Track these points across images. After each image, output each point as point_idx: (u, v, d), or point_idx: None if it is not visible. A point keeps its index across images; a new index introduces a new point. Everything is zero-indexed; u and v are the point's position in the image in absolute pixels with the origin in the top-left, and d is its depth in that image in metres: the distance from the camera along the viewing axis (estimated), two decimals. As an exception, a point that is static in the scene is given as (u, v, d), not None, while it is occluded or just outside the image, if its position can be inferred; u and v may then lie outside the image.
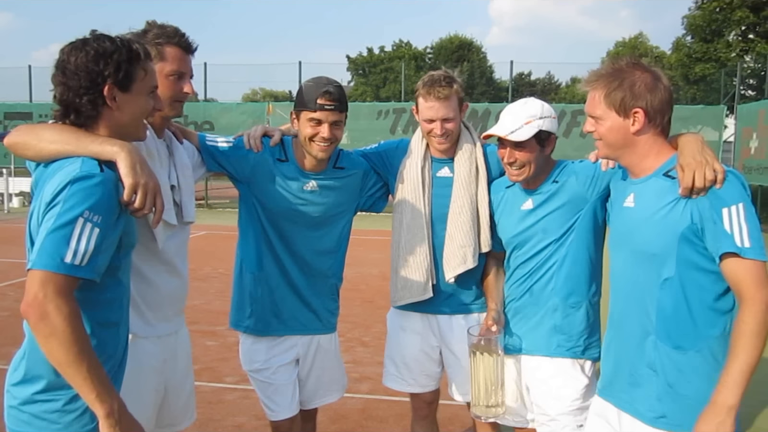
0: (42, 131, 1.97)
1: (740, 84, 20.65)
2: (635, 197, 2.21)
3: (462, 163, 2.97)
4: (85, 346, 1.74)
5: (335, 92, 2.79)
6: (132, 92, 2.00)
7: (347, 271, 3.16)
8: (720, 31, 22.70)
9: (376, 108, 21.09)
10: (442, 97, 2.87)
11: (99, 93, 1.94)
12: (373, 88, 40.23)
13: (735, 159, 18.86)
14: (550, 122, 2.65)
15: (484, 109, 20.58)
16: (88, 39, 1.97)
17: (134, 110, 2.04)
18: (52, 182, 1.83)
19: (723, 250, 1.97)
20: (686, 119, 19.77)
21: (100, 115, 1.97)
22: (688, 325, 2.08)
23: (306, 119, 2.80)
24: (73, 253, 1.73)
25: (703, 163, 2.01)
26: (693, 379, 2.07)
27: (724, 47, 22.40)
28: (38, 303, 1.69)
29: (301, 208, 2.93)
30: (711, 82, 22.47)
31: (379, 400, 4.90)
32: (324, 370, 3.14)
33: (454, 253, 2.95)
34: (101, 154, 1.91)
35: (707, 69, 22.50)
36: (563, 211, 2.65)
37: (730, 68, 21.13)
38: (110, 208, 1.84)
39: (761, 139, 16.74)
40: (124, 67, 1.96)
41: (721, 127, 19.62)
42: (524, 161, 2.63)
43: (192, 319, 7.08)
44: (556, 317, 2.67)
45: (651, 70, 2.17)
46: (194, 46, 2.58)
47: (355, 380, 5.34)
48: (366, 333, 6.69)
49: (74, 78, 1.92)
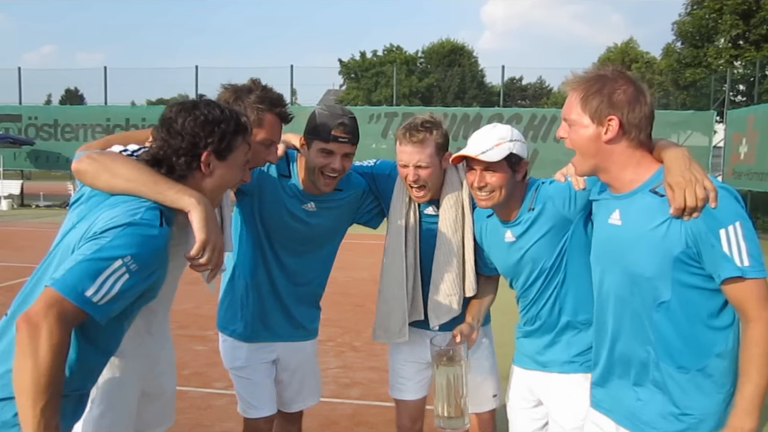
0: (118, 166, 1.96)
1: (730, 90, 20.79)
2: (621, 214, 2.11)
3: (448, 210, 2.88)
4: (53, 384, 1.65)
5: (350, 124, 2.75)
6: (227, 162, 2.04)
7: (338, 275, 3.15)
8: (710, 37, 22.84)
9: (367, 112, 21.12)
10: (416, 142, 2.75)
11: (197, 157, 1.98)
12: (365, 92, 40.24)
13: (725, 164, 18.99)
14: (520, 146, 2.57)
15: (475, 114, 20.66)
16: (199, 104, 2.02)
17: (223, 179, 2.08)
18: (108, 214, 1.82)
19: (725, 275, 1.91)
20: (676, 124, 19.89)
21: (189, 176, 2.00)
22: (690, 345, 2.03)
23: (317, 149, 2.74)
24: (96, 289, 1.70)
25: (693, 181, 1.93)
26: (697, 397, 2.03)
27: (713, 53, 22.52)
28: (36, 320, 1.64)
29: (297, 225, 2.92)
30: (701, 88, 22.58)
31: (369, 406, 4.89)
32: (305, 371, 3.15)
33: (440, 303, 2.91)
34: (176, 202, 1.92)
35: (697, 74, 22.61)
36: (549, 237, 2.56)
37: (719, 74, 21.26)
38: (151, 263, 1.83)
39: (750, 144, 16.86)
40: (227, 138, 2.00)
41: (711, 133, 19.76)
42: (495, 185, 2.53)
43: (181, 323, 7.07)
44: (567, 335, 2.63)
45: (635, 84, 2.08)
46: (290, 117, 2.61)
47: (345, 386, 5.34)
48: (356, 338, 6.64)
49: (177, 138, 1.96)
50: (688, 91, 23.60)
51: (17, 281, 9.25)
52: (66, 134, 22.30)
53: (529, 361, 2.75)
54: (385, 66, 39.34)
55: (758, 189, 16.60)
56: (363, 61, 42.31)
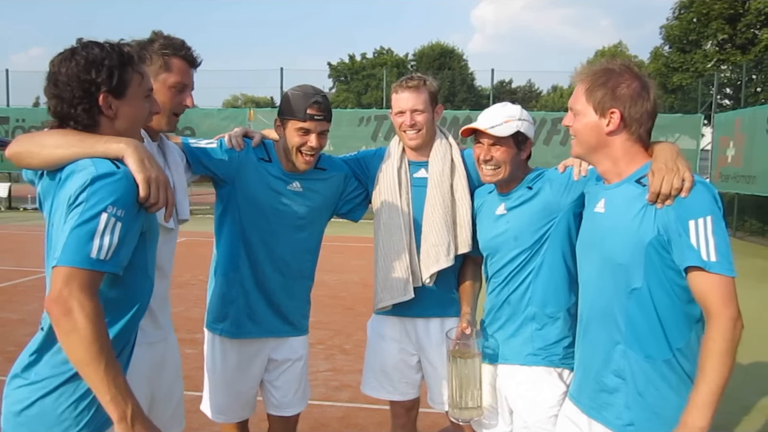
0: (43, 138, 1.95)
1: (717, 93, 20.93)
2: (606, 203, 2.19)
3: (435, 163, 3.00)
4: (104, 346, 1.73)
5: (323, 102, 2.85)
6: (127, 98, 1.98)
7: (328, 278, 3.17)
8: (697, 42, 23.00)
9: (357, 115, 21.11)
10: (412, 87, 2.96)
11: (94, 102, 1.92)
12: (354, 95, 40.24)
13: (712, 167, 19.10)
14: (528, 126, 2.67)
15: (465, 117, 20.66)
16: (77, 48, 1.94)
17: (131, 116, 2.02)
18: (70, 184, 1.82)
19: (687, 263, 1.95)
20: (664, 128, 19.98)
21: (97, 123, 1.96)
22: (658, 335, 2.06)
23: (294, 128, 2.82)
24: (98, 248, 1.74)
25: (674, 171, 1.98)
26: (662, 387, 2.06)
27: (701, 57, 22.70)
28: (63, 299, 1.69)
29: (285, 207, 2.94)
30: (688, 92, 22.73)
31: (359, 408, 4.89)
32: (295, 373, 3.14)
33: (428, 252, 2.95)
34: (108, 152, 1.90)
35: (685, 79, 22.76)
36: (535, 218, 2.62)
37: (707, 78, 21.41)
38: (131, 202, 1.85)
39: (737, 147, 16.98)
40: (116, 73, 1.94)
41: (699, 136, 19.88)
42: (500, 161, 2.63)
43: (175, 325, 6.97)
44: (533, 326, 2.65)
45: (641, 79, 2.13)
46: (199, 61, 2.60)
47: (335, 388, 5.34)
48: (347, 341, 6.66)
49: (67, 89, 1.91)
50: (675, 95, 23.75)
51: (5, 284, 9.20)
52: (54, 137, 22.09)
53: (491, 356, 2.77)
54: (375, 69, 39.37)
55: (745, 192, 16.71)
56: (353, 63, 42.33)
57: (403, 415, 3.22)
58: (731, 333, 1.91)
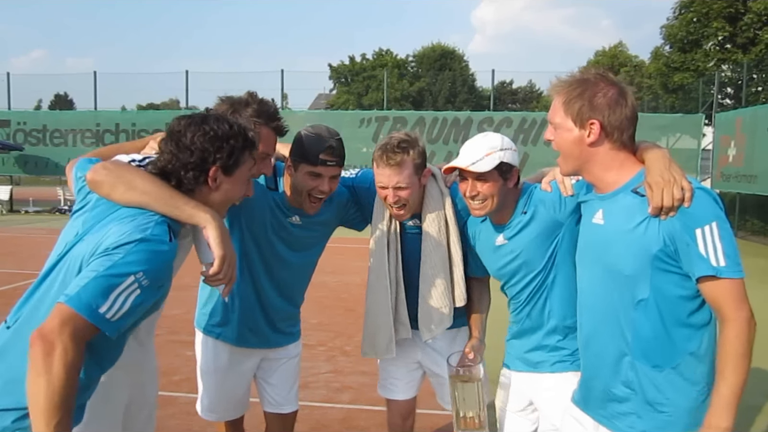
0: (135, 178, 1.96)
1: (718, 93, 20.91)
2: (604, 214, 2.15)
3: (431, 223, 2.87)
4: (67, 402, 1.67)
5: (337, 147, 2.75)
6: (234, 177, 2.05)
7: (329, 279, 3.18)
8: (698, 41, 22.98)
9: (358, 116, 21.14)
10: (394, 164, 2.73)
11: (205, 172, 1.98)
12: (355, 96, 40.26)
13: (713, 167, 19.09)
14: (511, 154, 2.60)
15: (466, 118, 20.70)
16: (208, 118, 2.01)
17: (229, 194, 2.08)
18: (119, 229, 1.82)
19: (699, 273, 1.94)
20: (665, 127, 20.01)
21: (196, 190, 2.01)
22: (665, 343, 2.05)
23: (305, 172, 2.74)
24: (110, 306, 1.71)
25: (671, 182, 1.96)
26: (671, 395, 2.06)
27: (701, 57, 22.66)
28: (51, 338, 1.65)
29: (284, 237, 2.94)
30: (689, 91, 22.71)
31: (360, 410, 4.88)
32: (290, 370, 3.17)
33: (430, 317, 2.90)
34: (192, 218, 1.94)
35: (685, 78, 22.74)
36: (540, 240, 2.59)
37: (707, 77, 21.39)
38: (161, 278, 1.84)
39: (738, 147, 16.97)
40: (236, 154, 2.00)
41: (700, 136, 19.88)
42: (487, 194, 2.57)
43: (172, 329, 7.02)
44: (555, 338, 2.65)
45: (617, 85, 2.11)
46: (285, 131, 2.64)
47: (336, 390, 5.34)
48: (348, 342, 6.65)
49: (186, 152, 1.96)
50: (676, 95, 23.73)
51: (7, 287, 9.20)
52: (55, 139, 22.18)
53: (519, 363, 2.77)
54: (375, 70, 39.41)
55: (746, 191, 16.71)
56: (353, 65, 42.34)
57: (399, 424, 3.20)
58: (747, 335, 1.92)
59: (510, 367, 2.82)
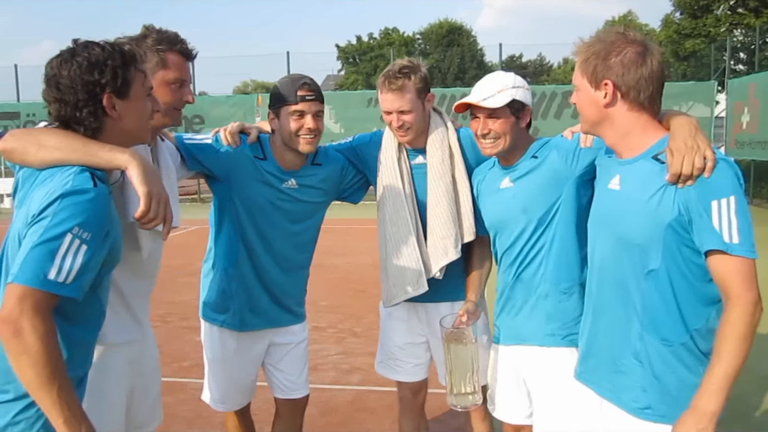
0: (44, 136, 1.88)
1: (730, 58, 20.56)
2: (621, 179, 2.08)
3: (434, 153, 2.88)
4: (57, 368, 1.66)
5: (312, 83, 2.80)
6: (131, 98, 1.94)
7: (339, 261, 3.13)
8: (708, 6, 22.58)
9: (366, 96, 20.95)
10: (396, 89, 2.79)
11: (99, 104, 1.88)
12: (363, 76, 40.00)
13: (727, 134, 18.81)
14: (523, 93, 2.56)
15: (474, 93, 20.49)
16: (76, 48, 1.89)
17: (136, 116, 1.98)
18: (41, 192, 1.75)
19: (708, 246, 1.87)
20: (677, 96, 19.69)
21: (102, 126, 1.91)
22: (675, 317, 1.98)
23: (287, 114, 2.77)
24: (57, 269, 1.66)
25: (694, 149, 1.88)
26: (679, 370, 2.00)
27: (713, 22, 22.28)
28: (13, 319, 1.62)
29: (282, 205, 2.89)
30: (701, 58, 22.35)
31: (369, 391, 4.85)
32: (298, 355, 3.13)
33: (435, 245, 2.87)
34: (111, 162, 1.86)
35: (697, 45, 22.38)
36: (544, 188, 2.52)
37: (719, 43, 21.03)
38: (101, 225, 1.76)
39: (752, 113, 16.69)
40: (120, 73, 1.89)
41: (713, 103, 19.55)
42: (499, 132, 2.52)
43: (182, 314, 7.01)
44: (548, 304, 2.56)
45: (639, 43, 2.02)
46: (195, 53, 2.53)
47: (346, 371, 5.32)
48: (357, 323, 6.62)
49: (70, 92, 1.85)
50: (688, 62, 23.37)
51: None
52: (64, 130, 22.20)
53: (508, 335, 2.69)
54: (383, 49, 39.10)
55: (761, 158, 16.45)
56: (360, 45, 42.06)
57: (410, 399, 3.17)
58: (750, 317, 1.84)
59: (499, 340, 2.73)
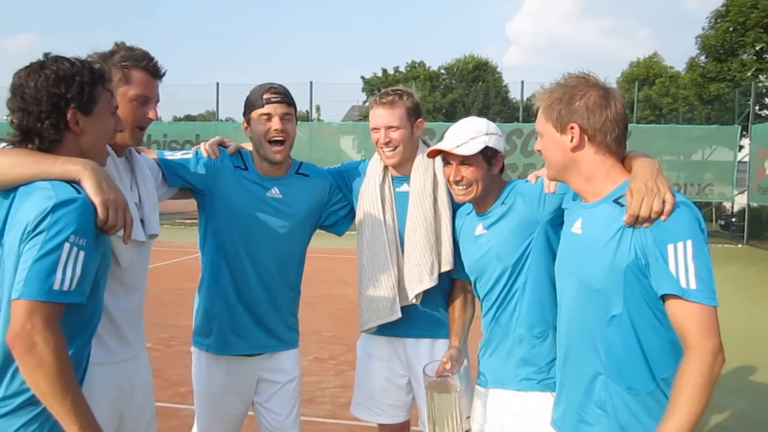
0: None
1: (755, 103, 20.41)
2: (583, 223, 2.06)
3: (417, 179, 2.88)
4: (70, 378, 1.73)
5: (279, 87, 2.87)
6: (95, 115, 1.96)
7: (349, 291, 3.08)
8: (734, 51, 22.51)
9: (387, 128, 21.05)
10: (386, 103, 2.84)
11: (62, 117, 1.89)
12: (388, 108, 40.28)
13: (750, 179, 18.61)
14: (496, 139, 2.56)
15: (494, 129, 20.47)
16: (46, 62, 1.92)
17: (97, 134, 1.99)
18: (28, 209, 1.78)
19: (664, 290, 1.82)
20: (700, 139, 19.58)
21: (62, 139, 1.92)
22: (641, 365, 1.93)
23: (256, 117, 2.83)
24: (61, 279, 1.72)
25: (654, 191, 1.85)
26: (646, 421, 1.93)
27: (738, 67, 22.20)
28: (26, 334, 1.68)
29: (265, 215, 2.87)
30: (725, 102, 22.23)
31: (364, 427, 4.75)
32: (288, 394, 3.04)
33: (411, 272, 2.85)
34: (65, 174, 1.87)
35: (721, 88, 22.29)
36: (514, 234, 2.51)
37: (744, 88, 20.90)
38: (92, 229, 1.82)
39: (776, 159, 16.49)
40: (87, 89, 1.92)
41: (736, 147, 19.38)
42: (471, 179, 2.53)
43: (185, 339, 6.90)
44: (522, 349, 2.53)
45: (598, 88, 2.02)
46: (162, 71, 2.53)
47: (342, 405, 5.24)
48: (360, 356, 6.52)
49: (34, 103, 1.87)
50: (712, 106, 23.27)
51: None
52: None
53: (488, 378, 2.66)
54: (408, 82, 39.44)
55: (784, 205, 16.24)
56: (386, 77, 42.44)
57: None
58: (710, 367, 1.77)
59: (480, 383, 2.70)
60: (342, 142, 21.66)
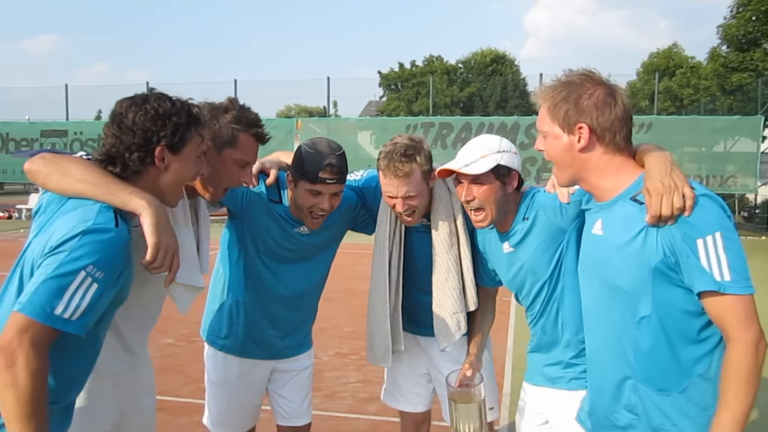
0: (70, 166, 1.93)
1: (778, 93, 20.11)
2: (603, 224, 2.01)
3: (440, 225, 2.77)
4: (39, 407, 1.66)
5: (338, 164, 2.63)
6: (182, 155, 2.00)
7: (366, 286, 3.05)
8: (756, 40, 22.18)
9: (405, 123, 21.12)
10: (402, 175, 2.61)
11: (150, 152, 1.94)
12: (405, 103, 40.21)
13: (773, 170, 18.36)
14: (509, 157, 2.48)
15: (513, 123, 20.43)
16: (149, 97, 1.98)
17: (179, 174, 2.03)
18: (63, 223, 1.78)
19: (701, 287, 1.78)
20: (723, 130, 19.35)
21: (143, 172, 1.97)
22: (671, 365, 1.89)
23: (304, 189, 2.65)
24: (65, 306, 1.68)
25: (672, 188, 1.80)
26: (679, 421, 1.89)
27: (761, 56, 21.87)
28: (11, 350, 1.62)
29: (292, 247, 2.86)
30: (748, 92, 21.89)
31: (385, 422, 4.78)
32: (302, 382, 3.09)
33: (446, 323, 2.82)
34: (126, 204, 1.89)
35: (744, 79, 21.98)
36: (544, 248, 2.47)
37: (767, 77, 20.59)
38: (115, 265, 1.79)
39: (800, 149, 16.25)
40: (180, 130, 1.96)
41: (759, 138, 19.13)
42: (483, 200, 2.45)
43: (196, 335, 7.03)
44: (569, 352, 2.53)
45: (604, 86, 1.97)
46: (267, 138, 2.55)
47: (364, 400, 5.27)
48: (381, 351, 6.53)
49: (129, 134, 1.92)
50: (734, 96, 22.95)
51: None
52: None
53: (538, 377, 2.66)
54: (425, 76, 39.29)
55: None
56: (402, 71, 42.34)
57: (412, 430, 3.13)
58: (753, 358, 1.74)
59: (530, 381, 2.71)
60: (360, 137, 21.70)
